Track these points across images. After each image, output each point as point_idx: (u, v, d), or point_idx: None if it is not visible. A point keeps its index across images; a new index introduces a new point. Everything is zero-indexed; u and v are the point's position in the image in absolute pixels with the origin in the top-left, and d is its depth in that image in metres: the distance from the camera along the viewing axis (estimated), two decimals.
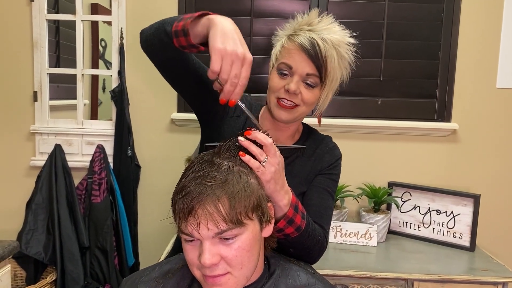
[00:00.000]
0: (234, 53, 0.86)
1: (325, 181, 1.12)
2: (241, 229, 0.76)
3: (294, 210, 0.92)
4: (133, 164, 2.07)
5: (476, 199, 1.88)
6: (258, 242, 0.81)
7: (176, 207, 0.77)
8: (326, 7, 2.04)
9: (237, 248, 0.76)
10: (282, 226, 0.91)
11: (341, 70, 1.07)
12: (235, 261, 0.76)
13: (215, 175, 0.76)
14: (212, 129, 1.13)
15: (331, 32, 1.04)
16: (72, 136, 2.09)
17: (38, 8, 2.04)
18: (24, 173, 2.13)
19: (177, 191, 0.78)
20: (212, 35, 0.88)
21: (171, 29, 0.94)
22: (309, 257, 1.03)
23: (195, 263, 0.78)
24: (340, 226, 1.90)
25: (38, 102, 2.08)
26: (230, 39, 0.87)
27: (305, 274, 0.87)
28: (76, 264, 1.95)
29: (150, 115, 2.09)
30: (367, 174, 2.09)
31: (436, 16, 2.05)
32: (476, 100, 2.06)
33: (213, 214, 0.74)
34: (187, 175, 0.79)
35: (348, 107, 2.11)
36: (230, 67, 0.87)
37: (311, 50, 1.01)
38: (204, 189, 0.75)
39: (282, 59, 1.05)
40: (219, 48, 0.87)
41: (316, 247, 1.01)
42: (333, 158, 1.15)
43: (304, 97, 1.04)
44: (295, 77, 1.03)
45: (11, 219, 2.12)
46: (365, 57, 2.07)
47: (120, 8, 2.03)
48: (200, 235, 0.75)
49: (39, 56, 2.06)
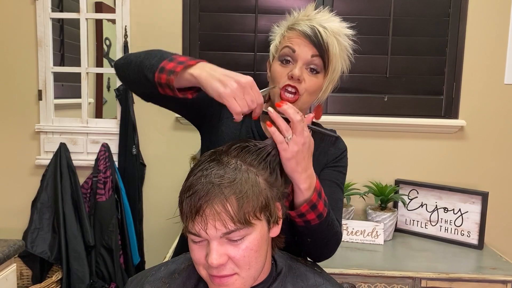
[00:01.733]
0: (239, 87, 0.86)
1: (332, 174, 1.10)
2: (249, 229, 0.75)
3: (318, 195, 0.90)
4: (138, 163, 2.06)
5: (484, 196, 1.86)
6: (266, 242, 0.79)
7: (183, 206, 0.75)
8: (331, 3, 2.02)
9: (245, 248, 0.75)
10: (304, 210, 0.89)
11: (341, 60, 1.05)
12: (243, 261, 0.75)
13: (223, 174, 0.75)
14: (211, 132, 1.11)
15: (330, 21, 1.03)
16: (77, 134, 2.09)
17: (42, 7, 2.03)
18: (29, 172, 2.13)
19: (184, 190, 0.77)
20: (209, 89, 0.88)
21: (152, 77, 0.92)
22: (326, 248, 1.01)
23: (201, 262, 0.76)
24: (346, 224, 1.89)
25: (42, 101, 2.08)
26: (224, 78, 0.87)
27: (312, 273, 0.86)
28: (82, 263, 1.95)
29: (155, 113, 2.08)
30: (373, 171, 2.07)
31: (443, 12, 2.03)
32: (484, 97, 2.04)
33: (221, 214, 0.72)
34: (194, 173, 0.77)
35: (354, 104, 2.09)
36: (245, 100, 0.87)
37: (313, 36, 1.00)
38: (212, 188, 0.73)
39: (285, 44, 1.04)
40: (226, 93, 0.86)
41: (333, 238, 0.99)
42: (339, 151, 1.12)
43: (308, 84, 1.02)
44: (299, 62, 1.01)
45: (17, 218, 2.12)
46: (371, 54, 2.05)
47: (124, 6, 2.02)
48: (208, 235, 0.73)
49: (44, 55, 2.06)
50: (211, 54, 2.05)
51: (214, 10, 2.05)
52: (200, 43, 2.06)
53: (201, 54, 2.06)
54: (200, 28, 2.06)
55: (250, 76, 0.88)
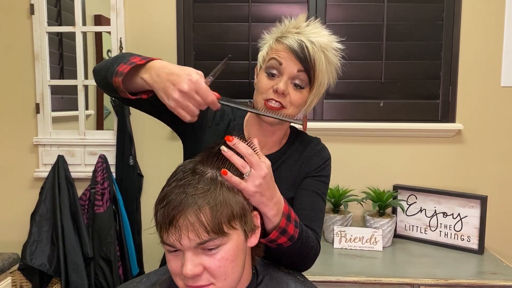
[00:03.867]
0: (181, 96, 0.86)
1: (314, 184, 1.09)
2: (224, 239, 0.74)
3: (286, 219, 0.89)
4: (135, 173, 2.07)
5: (483, 200, 1.84)
6: (243, 252, 0.78)
7: (158, 217, 0.75)
8: (324, 10, 2.03)
9: (220, 258, 0.74)
10: (274, 237, 0.88)
11: (328, 74, 1.04)
12: (218, 272, 0.74)
13: (197, 184, 0.75)
14: (193, 141, 1.11)
15: (319, 35, 1.02)
16: (74, 147, 2.10)
17: (39, 21, 2.06)
18: (28, 184, 2.14)
19: (159, 200, 0.77)
20: (156, 91, 0.89)
21: (112, 83, 0.93)
22: (303, 263, 1.00)
23: (178, 273, 0.76)
24: (344, 231, 1.88)
25: (40, 114, 2.10)
26: (167, 86, 0.87)
27: (294, 282, 0.85)
28: (81, 275, 1.95)
29: (151, 124, 2.09)
30: (371, 177, 2.06)
31: (437, 16, 2.03)
32: (481, 100, 2.02)
33: (194, 224, 0.72)
34: (169, 184, 0.77)
35: (350, 110, 2.08)
36: (191, 104, 0.87)
37: (300, 52, 0.99)
38: (185, 198, 0.73)
39: (272, 55, 1.03)
40: (171, 106, 0.88)
41: (310, 253, 0.98)
42: (321, 160, 1.11)
43: (292, 98, 1.01)
44: (284, 76, 1.01)
45: (17, 231, 2.13)
46: (366, 59, 2.05)
47: (118, 18, 2.04)
48: (182, 245, 0.73)
49: (41, 69, 2.08)
50: (206, 64, 2.06)
51: (208, 20, 2.07)
52: (194, 53, 2.08)
53: (196, 64, 2.07)
54: (195, 38, 2.07)
55: (197, 71, 0.88)
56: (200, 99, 0.87)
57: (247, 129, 1.12)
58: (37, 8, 2.05)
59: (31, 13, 2.05)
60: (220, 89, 1.31)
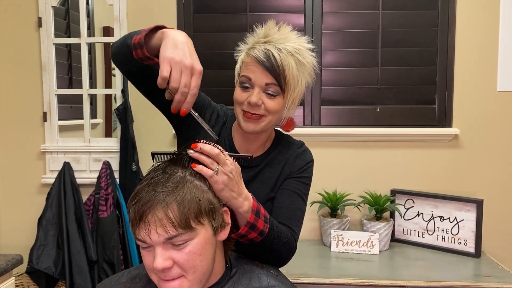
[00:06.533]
0: (182, 63, 0.89)
1: (295, 184, 1.12)
2: (192, 234, 0.78)
3: (255, 215, 0.92)
4: (138, 179, 2.12)
5: (479, 204, 1.85)
6: (212, 246, 0.82)
7: (130, 214, 0.80)
8: (320, 18, 2.07)
9: (188, 252, 0.78)
10: (244, 232, 0.92)
11: (303, 76, 1.07)
12: (187, 265, 0.78)
13: (166, 183, 0.79)
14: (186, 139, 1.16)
15: (286, 41, 1.06)
16: (80, 153, 2.18)
17: (46, 33, 2.14)
18: (36, 190, 2.22)
19: (131, 198, 0.82)
20: (163, 45, 0.91)
21: (131, 42, 0.98)
22: (277, 259, 1.03)
23: (151, 268, 0.80)
24: (341, 235, 1.90)
25: (47, 122, 2.18)
26: (180, 50, 0.90)
27: (266, 276, 0.88)
28: (85, 278, 2.01)
29: (153, 130, 2.15)
30: (369, 182, 2.09)
31: (431, 22, 2.06)
32: (477, 104, 2.04)
33: (162, 220, 0.76)
34: (141, 182, 0.82)
35: (347, 116, 2.12)
36: (180, 76, 0.89)
37: (266, 61, 1.03)
38: (154, 195, 0.78)
39: (242, 73, 1.08)
40: (168, 57, 0.89)
41: (283, 248, 1.01)
42: (303, 162, 1.15)
43: (267, 106, 1.05)
44: (256, 88, 1.05)
45: (24, 235, 2.20)
46: (362, 66, 2.09)
47: (121, 28, 2.11)
48: (152, 240, 0.77)
49: (48, 79, 2.16)
50: (205, 72, 2.09)
51: (208, 30, 2.13)
52: None
53: None
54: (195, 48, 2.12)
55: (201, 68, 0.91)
56: (188, 81, 0.90)
57: (234, 134, 1.17)
58: (45, 21, 2.14)
59: (39, 26, 2.14)
60: (218, 97, 1.38)
